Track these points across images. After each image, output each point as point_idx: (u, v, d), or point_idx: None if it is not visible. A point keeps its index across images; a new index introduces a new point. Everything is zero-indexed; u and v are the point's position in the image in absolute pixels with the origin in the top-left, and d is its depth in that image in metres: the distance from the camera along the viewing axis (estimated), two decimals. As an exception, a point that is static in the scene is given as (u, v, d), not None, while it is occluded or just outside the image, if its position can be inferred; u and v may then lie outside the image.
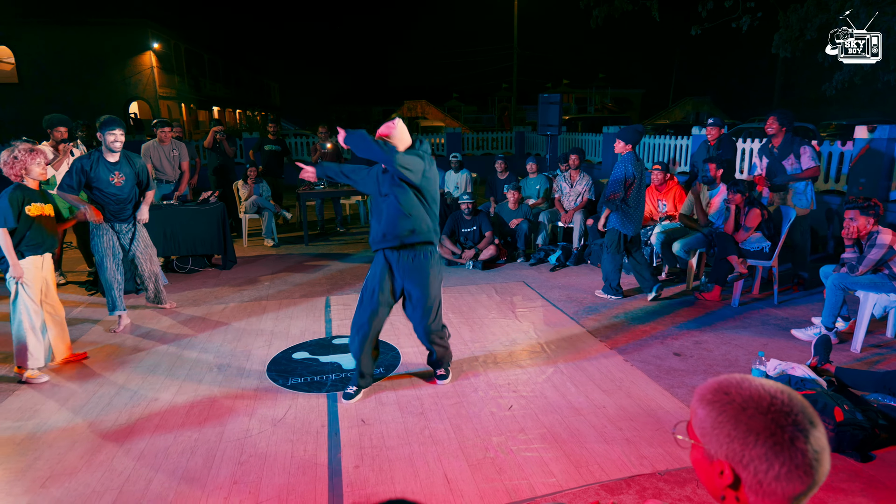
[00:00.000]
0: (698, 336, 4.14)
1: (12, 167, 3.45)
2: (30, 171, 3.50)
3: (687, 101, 30.39)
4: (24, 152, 3.47)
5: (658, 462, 2.59)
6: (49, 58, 21.35)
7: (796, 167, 4.89)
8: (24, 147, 3.50)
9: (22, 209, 3.46)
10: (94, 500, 2.41)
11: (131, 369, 3.73)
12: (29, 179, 3.53)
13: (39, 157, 3.52)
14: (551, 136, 9.29)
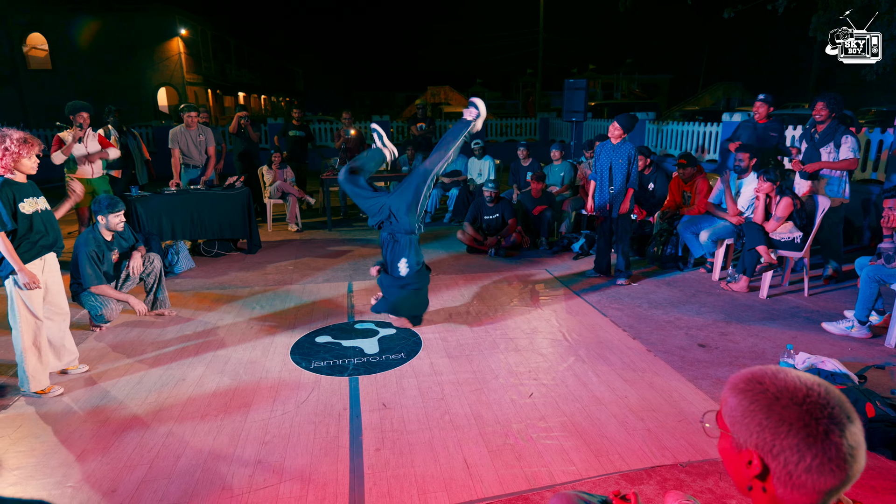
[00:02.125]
0: (724, 327, 4.07)
1: (1, 159, 3.00)
2: (20, 164, 3.07)
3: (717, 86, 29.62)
4: (18, 143, 3.01)
5: (680, 453, 2.57)
6: (80, 44, 21.77)
7: (834, 156, 4.74)
8: (18, 136, 3.04)
9: (16, 207, 3.05)
10: (125, 473, 2.49)
11: (159, 351, 3.82)
12: (18, 173, 3.10)
13: (34, 148, 3.11)
14: (576, 122, 9.17)
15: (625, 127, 4.83)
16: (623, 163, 4.86)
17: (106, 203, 4.05)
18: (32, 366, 3.18)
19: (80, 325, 4.26)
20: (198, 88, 25.24)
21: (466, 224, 6.23)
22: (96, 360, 3.68)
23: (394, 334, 4.02)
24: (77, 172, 5.44)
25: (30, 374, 3.18)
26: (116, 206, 4.07)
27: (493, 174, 7.97)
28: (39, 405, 3.14)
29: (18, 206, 3.06)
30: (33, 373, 3.19)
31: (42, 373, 3.24)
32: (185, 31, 23.85)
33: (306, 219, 8.08)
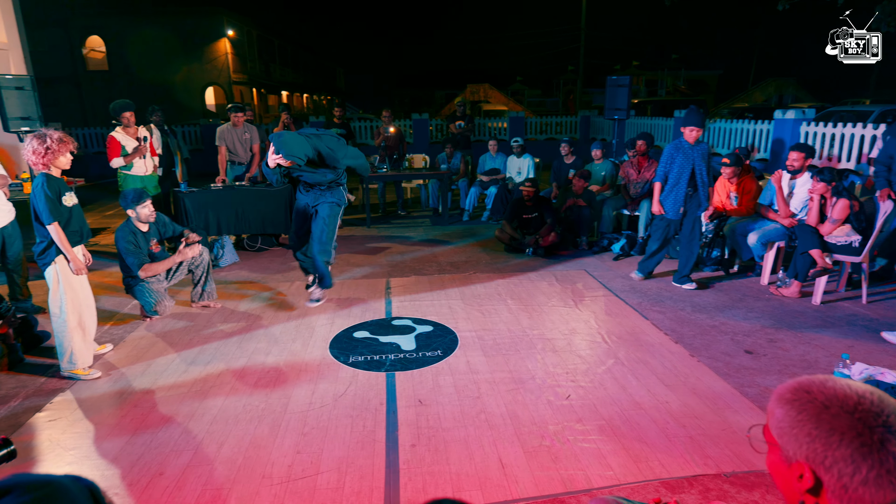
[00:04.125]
0: (773, 334, 3.92)
1: (42, 156, 3.21)
2: (57, 160, 3.28)
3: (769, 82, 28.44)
4: (57, 141, 3.24)
5: (724, 463, 2.49)
6: (134, 46, 22.70)
7: None
8: (57, 136, 3.26)
9: (60, 200, 3.31)
10: (172, 458, 2.59)
11: (204, 341, 3.96)
12: (54, 169, 3.32)
13: (69, 146, 3.31)
14: (618, 120, 8.97)
15: (700, 125, 4.66)
16: (703, 163, 4.70)
17: (131, 197, 4.17)
18: (77, 346, 3.40)
19: (132, 315, 4.45)
20: (243, 87, 25.95)
21: (504, 223, 6.20)
22: (146, 349, 3.84)
23: (431, 331, 4.04)
24: (132, 170, 5.68)
25: (75, 353, 3.39)
26: (142, 197, 4.18)
27: (532, 172, 7.90)
28: (94, 389, 3.29)
29: (62, 199, 3.32)
30: (78, 352, 3.40)
31: (86, 352, 3.46)
32: (233, 31, 24.55)
33: (346, 215, 8.18)
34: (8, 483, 0.62)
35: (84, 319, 3.47)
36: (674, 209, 4.80)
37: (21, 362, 3.64)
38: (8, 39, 8.05)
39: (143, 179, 5.74)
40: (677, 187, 4.75)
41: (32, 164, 3.24)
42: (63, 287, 3.35)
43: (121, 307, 4.64)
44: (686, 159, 4.70)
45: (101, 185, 11.01)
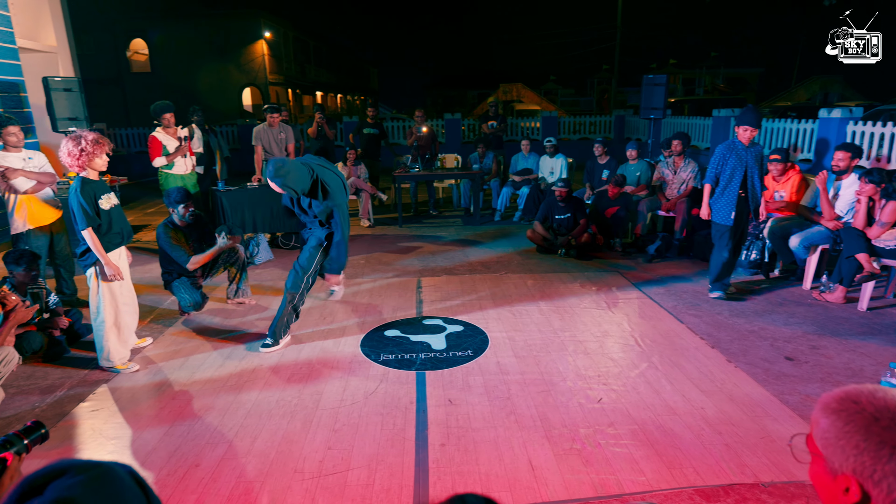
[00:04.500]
0: (816, 340, 3.78)
1: (78, 158, 3.22)
2: (93, 162, 3.28)
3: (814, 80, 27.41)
4: (92, 143, 3.24)
5: (762, 472, 2.41)
6: (176, 48, 23.41)
7: None
8: (92, 137, 3.26)
9: (96, 203, 3.32)
10: (208, 450, 2.65)
11: (241, 337, 4.05)
12: (91, 171, 3.32)
13: (105, 148, 3.32)
14: (654, 119, 8.80)
15: (755, 124, 4.34)
16: (756, 166, 4.40)
17: (174, 197, 4.33)
18: (113, 344, 3.50)
19: (171, 311, 4.58)
20: (279, 88, 26.46)
21: (536, 223, 6.15)
22: (183, 343, 3.95)
23: (461, 331, 4.04)
24: (173, 169, 5.85)
25: (111, 351, 3.50)
26: (184, 198, 4.33)
27: (565, 173, 7.81)
28: (134, 381, 3.41)
29: (98, 203, 3.33)
30: (114, 349, 3.51)
31: (121, 349, 3.56)
32: (270, 33, 25.05)
33: (378, 215, 8.27)
34: (63, 465, 0.65)
35: (121, 319, 3.56)
36: (724, 214, 4.46)
37: (65, 354, 3.79)
38: (57, 43, 8.41)
39: (182, 178, 5.91)
40: (728, 191, 4.42)
41: (69, 165, 3.27)
42: (102, 289, 3.44)
43: (159, 303, 4.78)
44: (739, 161, 4.39)
45: (143, 184, 11.39)
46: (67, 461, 0.66)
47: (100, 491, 0.62)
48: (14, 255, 3.69)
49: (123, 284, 3.61)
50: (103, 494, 0.62)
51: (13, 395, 3.23)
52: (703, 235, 5.75)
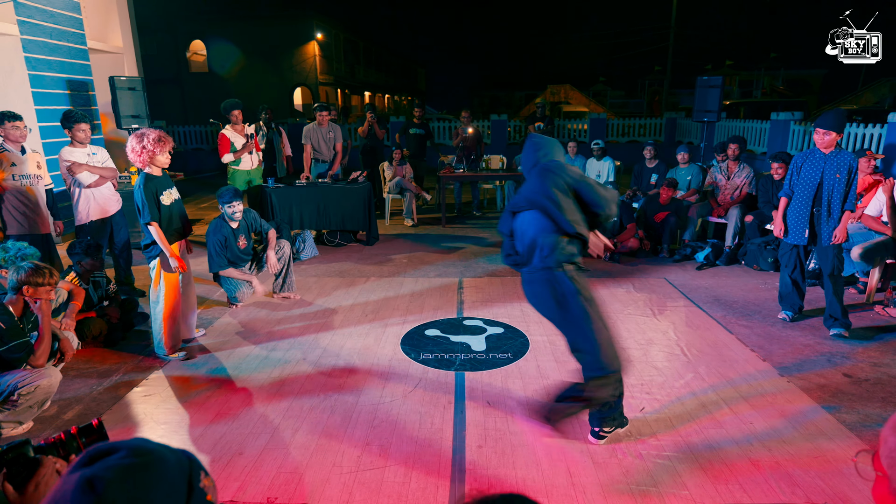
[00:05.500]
0: (877, 358, 3.57)
1: (140, 155, 3.37)
2: (156, 159, 3.43)
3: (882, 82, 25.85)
4: (154, 142, 3.38)
5: (815, 494, 2.29)
6: (232, 49, 24.23)
7: None
8: (154, 136, 3.40)
9: (158, 199, 3.46)
10: (250, 440, 2.74)
11: (285, 330, 4.15)
12: (154, 167, 3.48)
13: (168, 146, 3.46)
14: (708, 122, 8.51)
15: (836, 128, 3.74)
16: (841, 178, 3.76)
17: (224, 195, 4.49)
18: (169, 332, 3.63)
19: (220, 302, 4.75)
20: (329, 88, 27.00)
21: (581, 226, 6.04)
22: (230, 335, 4.09)
23: (502, 333, 4.01)
24: (240, 165, 6.08)
25: (165, 340, 3.63)
26: (235, 196, 4.48)
27: (612, 176, 7.66)
28: (183, 370, 3.55)
29: (160, 199, 3.48)
30: (170, 338, 3.64)
31: (176, 339, 3.69)
32: (321, 35, 25.61)
33: (422, 214, 8.32)
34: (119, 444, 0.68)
35: (178, 309, 3.70)
36: (794, 231, 4.00)
37: (123, 340, 3.99)
38: (123, 44, 8.85)
39: (249, 173, 6.14)
40: (799, 204, 3.95)
41: (133, 161, 3.44)
42: (163, 279, 3.57)
43: (210, 294, 4.97)
44: (814, 170, 3.86)
45: (198, 179, 11.86)
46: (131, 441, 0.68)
47: (132, 478, 0.63)
48: (81, 246, 3.92)
49: (184, 276, 3.76)
50: (134, 482, 0.63)
51: (73, 378, 3.42)
52: (755, 244, 5.52)
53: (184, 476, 0.68)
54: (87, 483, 0.61)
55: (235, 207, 4.51)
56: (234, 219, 4.55)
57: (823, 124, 3.78)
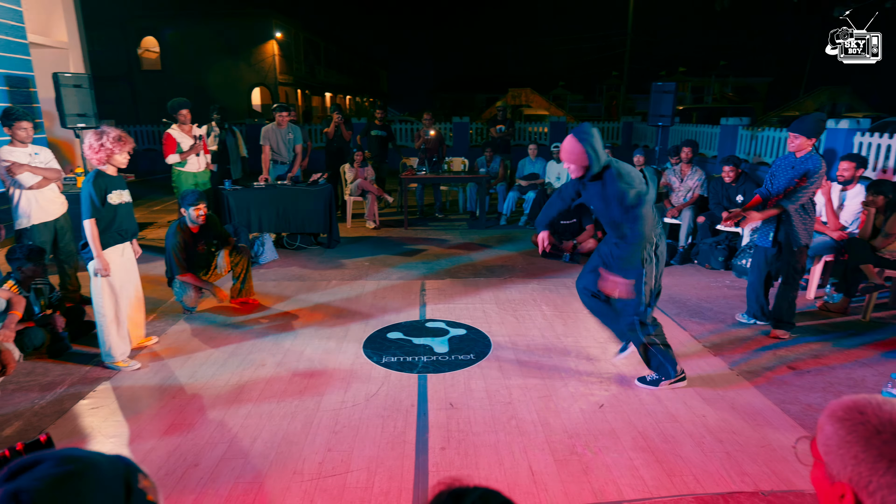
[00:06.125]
0: (818, 350, 3.76)
1: (97, 152, 3.32)
2: (113, 158, 3.38)
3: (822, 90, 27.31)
4: (113, 140, 3.34)
5: (762, 481, 2.40)
6: (187, 47, 23.56)
7: None
8: (114, 135, 3.35)
9: (105, 197, 3.38)
10: (207, 451, 2.66)
11: (243, 336, 4.06)
12: (110, 166, 3.42)
13: (127, 146, 3.42)
14: (662, 126, 8.79)
15: (804, 132, 3.72)
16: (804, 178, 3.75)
17: (187, 198, 4.35)
18: (114, 339, 3.50)
19: (174, 308, 4.60)
20: (288, 89, 26.57)
21: (541, 228, 6.14)
22: (185, 342, 3.97)
23: (464, 335, 4.03)
24: (186, 166, 5.89)
25: (113, 346, 3.50)
26: (198, 200, 4.34)
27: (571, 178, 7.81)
28: (135, 379, 3.42)
29: (108, 197, 3.40)
30: (115, 344, 3.50)
31: (122, 344, 3.55)
32: (280, 34, 25.18)
33: (384, 217, 8.28)
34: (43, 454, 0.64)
35: (122, 313, 3.56)
36: (762, 233, 4.04)
37: (68, 350, 3.80)
38: (68, 39, 8.47)
39: (196, 176, 5.95)
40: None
41: (89, 158, 3.35)
42: (102, 283, 3.44)
43: (165, 299, 4.81)
44: (783, 174, 3.86)
45: (150, 181, 11.46)
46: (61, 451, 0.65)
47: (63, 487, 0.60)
48: (22, 251, 3.72)
49: (127, 279, 3.62)
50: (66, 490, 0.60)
51: (13, 392, 3.25)
52: (707, 243, 5.73)
53: (119, 479, 0.66)
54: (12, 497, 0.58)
55: (201, 210, 4.36)
56: (197, 222, 4.40)
57: (793, 128, 3.79)
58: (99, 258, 3.38)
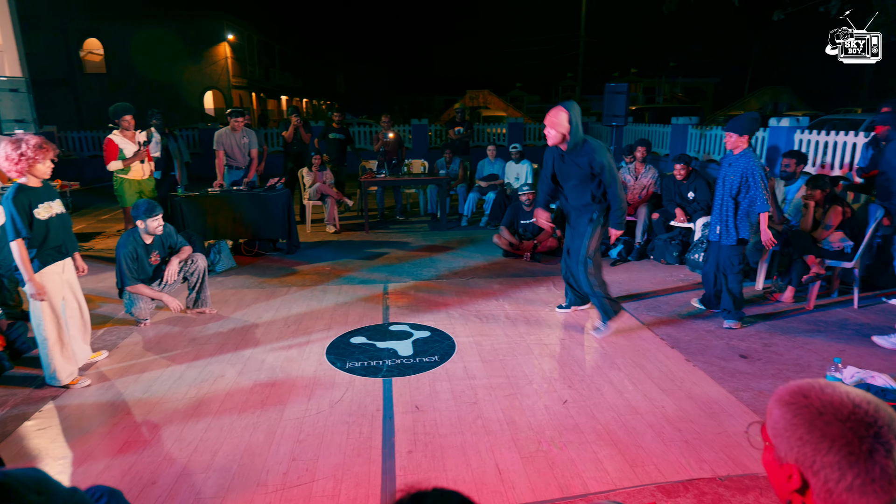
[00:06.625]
0: (767, 338, 3.93)
1: (17, 163, 2.99)
2: (35, 168, 3.06)
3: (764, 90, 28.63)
4: (34, 148, 3.01)
5: (719, 467, 2.49)
6: (133, 49, 22.70)
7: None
8: (35, 142, 3.02)
9: (31, 213, 3.07)
10: (164, 468, 2.57)
11: (200, 347, 3.94)
12: (31, 177, 3.09)
13: (50, 153, 3.09)
14: (616, 126, 9.02)
15: (736, 130, 3.92)
16: (734, 179, 3.94)
17: (144, 208, 4.11)
18: (58, 360, 3.28)
19: (126, 321, 4.43)
20: (242, 92, 25.98)
21: (503, 228, 6.21)
22: (139, 355, 3.82)
23: (428, 336, 4.03)
24: (129, 174, 5.67)
25: (57, 367, 3.28)
26: (154, 210, 4.12)
27: (530, 178, 7.92)
28: (84, 397, 3.27)
29: (34, 213, 3.09)
30: (59, 366, 3.29)
31: (67, 366, 3.33)
32: (233, 36, 24.59)
33: (344, 221, 8.20)
34: None
35: (65, 334, 3.33)
36: (711, 228, 4.22)
37: (8, 371, 3.56)
38: (3, 41, 8.05)
39: (140, 184, 5.74)
40: (716, 202, 4.14)
41: (6, 171, 3.02)
42: (41, 304, 3.19)
43: (116, 312, 4.62)
44: (722, 171, 4.07)
45: (97, 189, 10.99)
46: None
47: None
48: None
49: (70, 297, 3.43)
50: None
51: (-46, 413, 3.06)
52: (662, 239, 5.91)
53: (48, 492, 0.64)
54: None
55: (158, 221, 4.16)
56: (154, 233, 4.20)
57: (728, 127, 3.99)
58: (31, 282, 3.09)
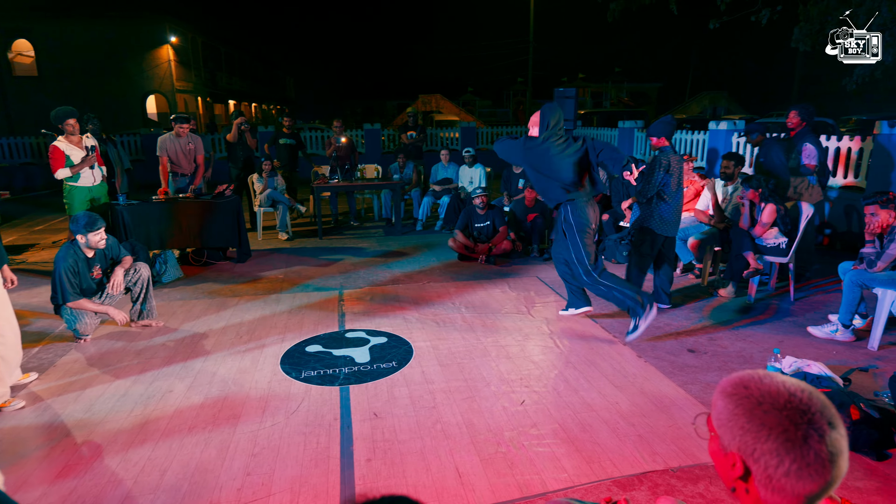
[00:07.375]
0: (713, 332, 4.10)
1: None
2: None
3: (704, 95, 30.02)
4: None
5: (671, 459, 2.57)
6: (68, 51, 21.62)
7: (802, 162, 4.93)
8: None
9: None
10: (108, 491, 2.44)
11: (146, 361, 3.78)
12: None
13: None
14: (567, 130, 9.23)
15: (654, 133, 4.35)
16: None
17: (84, 222, 3.89)
18: None
19: (64, 337, 4.20)
20: (187, 96, 25.15)
21: (457, 231, 6.24)
22: (79, 373, 3.63)
23: (385, 342, 4.00)
24: (79, 181, 5.38)
25: None
26: (95, 224, 3.92)
27: (483, 182, 8.00)
28: (18, 420, 3.08)
29: None
30: None
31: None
32: (176, 38, 23.78)
33: (297, 227, 8.05)
34: None
35: None
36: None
37: None
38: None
39: (91, 191, 5.47)
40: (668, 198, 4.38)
41: None
42: None
43: (51, 328, 4.37)
44: None
45: (30, 199, 10.40)
46: None
47: None
48: None
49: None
50: None
51: None
52: (612, 239, 6.08)
53: None
54: None
55: (101, 235, 3.95)
56: (96, 247, 3.99)
57: (648, 131, 4.45)
58: None
